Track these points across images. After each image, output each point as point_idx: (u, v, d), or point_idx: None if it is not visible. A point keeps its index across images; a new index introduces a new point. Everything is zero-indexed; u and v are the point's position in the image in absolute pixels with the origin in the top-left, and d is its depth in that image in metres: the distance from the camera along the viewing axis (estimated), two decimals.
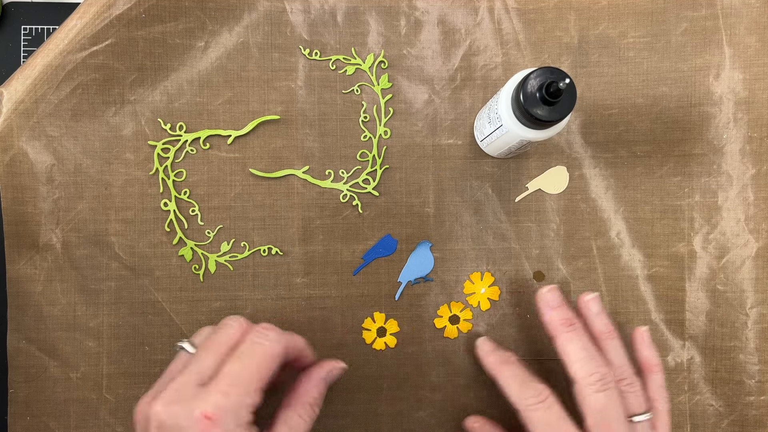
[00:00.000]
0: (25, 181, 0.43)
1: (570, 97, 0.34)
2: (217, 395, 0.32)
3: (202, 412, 0.31)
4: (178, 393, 0.33)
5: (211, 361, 0.34)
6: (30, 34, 0.47)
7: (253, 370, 0.33)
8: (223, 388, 0.32)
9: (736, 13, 0.44)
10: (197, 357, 0.34)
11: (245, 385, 0.33)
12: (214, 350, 0.34)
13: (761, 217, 0.44)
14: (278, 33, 0.44)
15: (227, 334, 0.36)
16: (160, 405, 0.32)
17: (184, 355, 0.36)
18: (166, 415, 0.32)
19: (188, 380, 0.33)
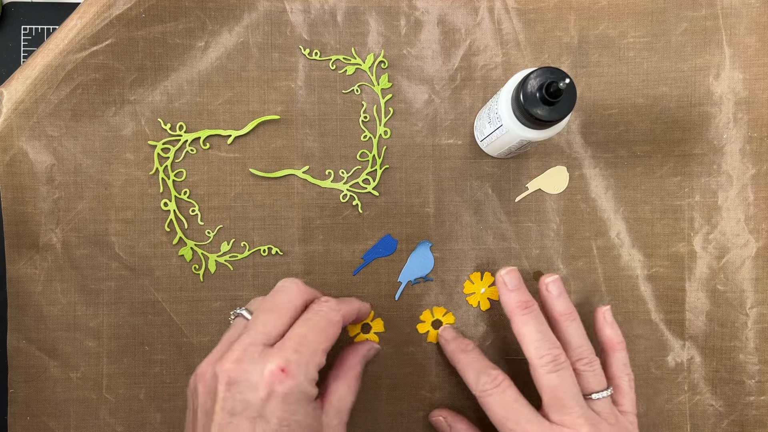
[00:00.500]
0: (25, 181, 0.43)
1: (570, 97, 0.34)
2: (288, 351, 0.33)
3: (277, 365, 0.32)
4: (246, 352, 0.33)
5: (276, 323, 0.35)
6: (30, 34, 0.47)
7: (319, 334, 0.35)
8: (293, 346, 0.33)
9: (736, 13, 0.44)
10: (261, 318, 0.35)
11: (313, 345, 0.34)
12: (278, 312, 0.35)
13: (761, 217, 0.44)
14: (278, 33, 0.44)
15: (288, 297, 0.36)
16: (230, 363, 0.33)
17: (241, 322, 0.37)
18: (236, 371, 0.33)
19: (255, 340, 0.34)
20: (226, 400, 0.32)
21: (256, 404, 0.32)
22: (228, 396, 0.33)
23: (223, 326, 0.44)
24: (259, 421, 0.32)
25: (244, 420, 0.32)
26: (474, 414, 0.44)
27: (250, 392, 0.32)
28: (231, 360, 0.33)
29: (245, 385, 0.32)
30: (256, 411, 0.32)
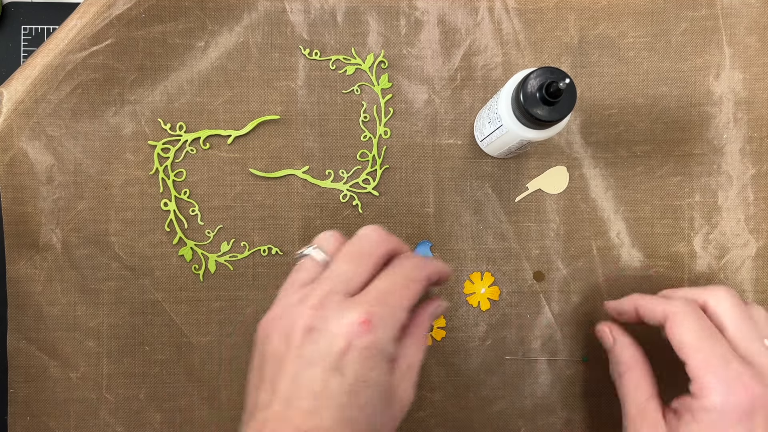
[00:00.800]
0: (25, 181, 0.43)
1: (570, 97, 0.34)
2: (371, 304, 0.31)
3: (359, 316, 0.31)
4: (327, 299, 0.32)
5: (357, 272, 0.33)
6: (30, 34, 0.47)
7: (403, 290, 0.33)
8: (376, 300, 0.32)
9: (736, 13, 0.44)
10: (342, 266, 0.33)
11: (398, 301, 0.32)
12: (360, 261, 0.34)
13: (761, 217, 0.44)
14: (278, 33, 0.44)
15: (371, 246, 0.34)
16: (309, 309, 0.31)
17: (311, 264, 0.35)
18: (315, 319, 0.31)
19: (335, 288, 0.32)
20: (303, 347, 0.31)
21: (333, 355, 0.31)
22: (305, 343, 0.31)
23: (222, 326, 0.44)
24: (334, 373, 0.30)
25: (319, 370, 0.31)
26: (476, 414, 0.44)
27: (329, 342, 0.31)
28: (310, 306, 0.32)
29: (324, 333, 0.31)
30: (333, 362, 0.31)
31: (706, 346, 0.34)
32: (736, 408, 0.33)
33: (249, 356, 0.44)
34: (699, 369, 0.34)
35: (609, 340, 0.41)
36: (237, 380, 0.44)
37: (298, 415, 0.30)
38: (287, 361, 0.31)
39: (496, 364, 0.45)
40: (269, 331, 0.33)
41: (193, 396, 0.44)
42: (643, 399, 0.37)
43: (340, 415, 0.30)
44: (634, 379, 0.38)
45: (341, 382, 0.30)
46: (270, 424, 0.31)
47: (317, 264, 0.35)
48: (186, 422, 0.43)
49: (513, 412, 0.44)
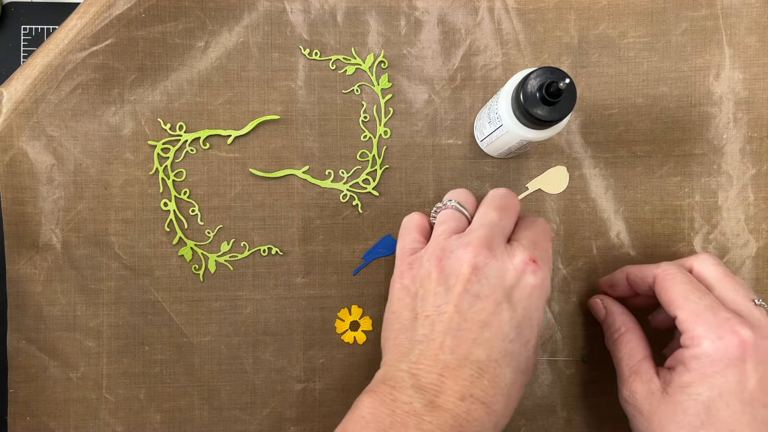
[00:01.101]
0: (25, 181, 0.43)
1: (570, 97, 0.34)
2: (530, 247, 0.34)
3: (529, 255, 0.34)
4: (493, 240, 0.34)
5: (509, 221, 0.36)
6: (30, 34, 0.47)
7: (546, 238, 0.36)
8: (535, 245, 0.35)
9: (736, 13, 0.44)
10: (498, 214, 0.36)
11: (547, 247, 0.36)
12: (510, 212, 0.37)
13: (761, 217, 0.44)
14: (278, 33, 0.44)
15: (512, 201, 0.38)
16: (478, 247, 0.34)
17: (455, 215, 0.38)
18: (485, 257, 0.33)
19: (496, 233, 0.35)
20: (471, 283, 0.33)
21: (504, 289, 0.33)
22: (474, 279, 0.33)
23: (222, 326, 0.44)
24: (505, 306, 0.32)
25: (489, 303, 0.32)
26: None
27: (499, 277, 0.33)
28: (478, 246, 0.34)
29: (494, 270, 0.33)
30: (504, 295, 0.32)
31: (694, 298, 0.35)
32: (727, 353, 0.33)
33: (248, 356, 0.44)
34: (688, 320, 0.35)
35: (601, 311, 0.42)
36: (237, 380, 0.44)
37: (465, 345, 0.32)
38: (453, 294, 0.33)
39: None
40: (429, 270, 0.35)
41: (193, 396, 0.44)
42: (636, 360, 0.38)
43: (506, 349, 0.32)
44: (627, 342, 0.39)
45: (512, 316, 0.33)
46: (435, 353, 0.32)
47: (461, 216, 0.38)
48: (186, 422, 0.43)
49: (513, 413, 0.44)
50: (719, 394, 0.33)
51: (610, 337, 0.41)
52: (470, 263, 0.33)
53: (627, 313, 0.41)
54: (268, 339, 0.44)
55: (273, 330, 0.44)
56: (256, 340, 0.44)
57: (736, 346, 0.33)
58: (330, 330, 0.44)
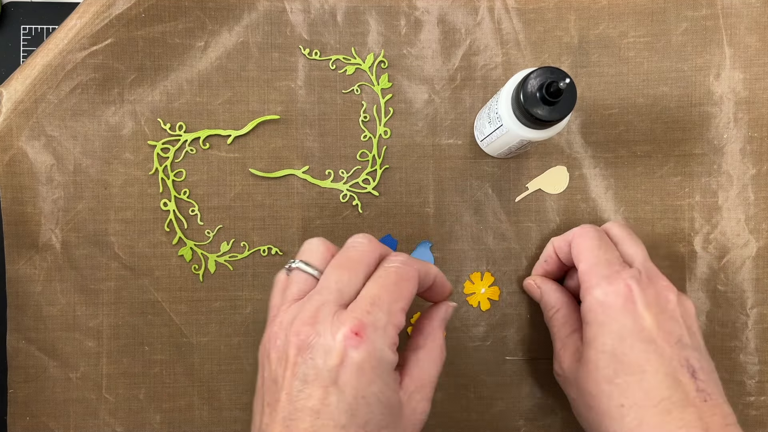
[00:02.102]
0: (24, 181, 0.43)
1: (570, 97, 0.34)
2: (361, 312, 0.30)
3: (350, 328, 0.30)
4: (319, 312, 0.31)
5: (350, 281, 0.32)
6: (30, 34, 0.47)
7: (394, 291, 0.32)
8: (366, 307, 0.31)
9: (736, 12, 0.44)
10: (333, 276, 0.32)
11: (388, 304, 0.31)
12: (351, 269, 0.32)
13: (762, 217, 0.44)
14: (278, 33, 0.44)
15: (361, 253, 0.33)
16: (301, 325, 0.30)
17: (301, 277, 0.34)
18: (308, 335, 0.30)
19: (327, 300, 0.31)
20: (297, 366, 0.30)
21: (329, 371, 0.29)
22: (299, 361, 0.30)
23: (222, 326, 0.44)
24: (332, 390, 0.29)
25: (316, 388, 0.30)
26: (476, 413, 0.44)
27: (323, 358, 0.30)
28: (302, 322, 0.31)
29: (318, 349, 0.30)
30: (329, 379, 0.29)
31: (597, 253, 0.38)
32: (617, 299, 0.35)
33: (248, 356, 0.44)
34: (585, 272, 0.37)
35: (536, 291, 0.43)
36: (237, 380, 0.44)
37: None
38: (284, 381, 0.31)
39: (496, 364, 0.44)
40: (268, 352, 0.32)
41: (193, 396, 0.44)
42: (566, 334, 0.39)
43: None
44: (560, 318, 0.41)
45: (339, 400, 0.29)
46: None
47: (308, 277, 0.34)
48: (186, 422, 0.43)
49: (513, 412, 0.44)
50: (620, 339, 0.35)
51: (546, 315, 0.42)
52: (295, 344, 0.30)
53: (561, 290, 0.42)
54: None
55: None
56: (256, 340, 0.44)
57: (623, 291, 0.35)
58: None
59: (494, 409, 0.44)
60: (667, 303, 0.36)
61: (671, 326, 0.35)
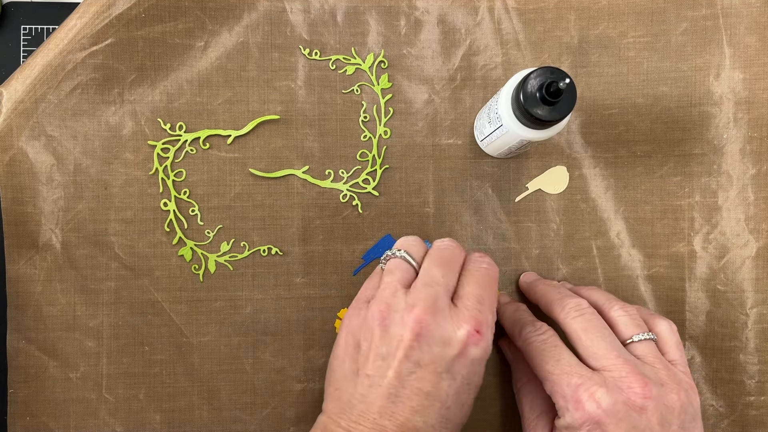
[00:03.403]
0: (25, 181, 0.43)
1: (570, 97, 0.34)
2: (476, 312, 0.33)
3: (474, 326, 0.33)
4: (436, 305, 0.33)
5: (452, 277, 0.35)
6: (30, 34, 0.47)
7: (491, 291, 0.35)
8: (477, 306, 0.34)
9: (736, 12, 0.44)
10: (440, 271, 0.35)
11: (490, 304, 0.35)
12: (452, 268, 0.36)
13: (761, 217, 0.44)
14: (278, 33, 0.44)
15: (455, 255, 0.36)
16: (421, 313, 0.33)
17: (406, 265, 0.36)
18: (428, 325, 0.33)
19: (440, 292, 0.34)
20: (413, 349, 0.32)
21: (446, 360, 0.32)
22: (416, 346, 0.32)
23: (222, 326, 0.44)
24: (445, 376, 0.32)
25: (429, 372, 0.32)
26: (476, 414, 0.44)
27: (442, 347, 0.32)
28: (422, 312, 0.33)
29: (437, 339, 0.32)
30: (445, 366, 0.32)
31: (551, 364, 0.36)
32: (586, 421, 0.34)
33: (248, 356, 0.44)
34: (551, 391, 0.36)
35: (509, 356, 0.43)
36: (237, 380, 0.44)
37: (404, 412, 0.32)
38: (395, 359, 0.33)
39: (496, 363, 0.44)
40: (372, 326, 0.34)
41: (193, 396, 0.44)
42: (535, 415, 0.39)
43: (444, 414, 0.33)
44: (527, 393, 0.41)
45: (450, 385, 0.33)
46: (373, 416, 0.32)
47: (410, 267, 0.36)
48: (186, 422, 0.43)
49: (513, 413, 0.44)
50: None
51: (514, 384, 0.42)
52: (412, 329, 0.33)
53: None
54: (268, 339, 0.44)
55: (273, 330, 0.44)
56: (256, 340, 0.44)
57: (593, 413, 0.34)
58: (330, 330, 0.44)
59: (494, 409, 0.44)
60: (641, 414, 0.33)
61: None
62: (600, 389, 0.34)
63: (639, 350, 0.36)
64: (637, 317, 0.38)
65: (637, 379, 0.34)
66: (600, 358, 0.35)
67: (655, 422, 0.33)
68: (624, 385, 0.34)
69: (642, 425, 0.33)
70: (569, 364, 0.35)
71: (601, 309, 0.39)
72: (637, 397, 0.33)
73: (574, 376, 0.35)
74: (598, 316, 0.37)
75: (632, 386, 0.34)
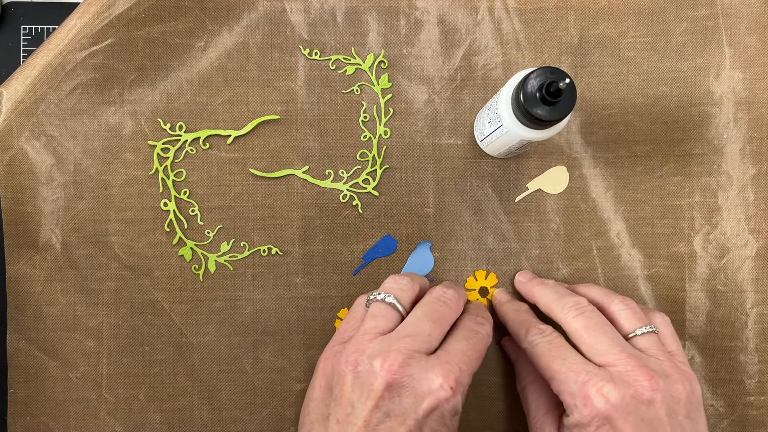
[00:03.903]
0: (25, 181, 0.43)
1: (570, 97, 0.34)
2: (455, 368, 0.33)
3: (448, 383, 0.32)
4: (412, 358, 0.33)
5: (439, 335, 0.35)
6: (30, 34, 0.47)
7: (478, 355, 0.35)
8: (459, 364, 0.33)
9: (736, 12, 0.44)
10: (427, 327, 0.35)
11: (473, 365, 0.34)
12: (442, 324, 0.35)
13: (761, 217, 0.44)
14: (278, 33, 0.44)
15: (450, 309, 0.36)
16: (395, 365, 0.32)
17: (389, 312, 0.36)
18: (401, 376, 0.32)
19: (419, 348, 0.33)
20: (383, 399, 0.32)
21: (416, 413, 0.32)
22: (387, 396, 0.32)
23: (222, 326, 0.44)
24: (413, 429, 0.32)
25: (398, 424, 0.32)
26: (477, 412, 0.44)
27: (413, 400, 0.32)
28: (396, 362, 0.32)
29: (409, 392, 0.32)
30: (414, 420, 0.32)
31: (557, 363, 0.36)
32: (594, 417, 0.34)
33: (248, 356, 0.44)
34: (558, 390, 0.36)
35: (512, 355, 0.43)
36: (237, 380, 0.44)
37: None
38: (364, 409, 0.32)
39: (496, 364, 0.44)
40: (344, 372, 0.34)
41: (193, 396, 0.44)
42: (541, 414, 0.39)
43: None
44: (532, 393, 0.40)
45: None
46: None
47: (396, 314, 0.36)
48: (186, 422, 0.43)
49: (513, 413, 0.44)
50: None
51: (518, 383, 0.42)
52: (385, 380, 0.32)
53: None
54: (268, 339, 0.44)
55: (273, 330, 0.44)
56: (256, 340, 0.44)
57: (602, 408, 0.34)
58: (330, 330, 0.44)
59: (494, 409, 0.44)
60: (649, 406, 0.34)
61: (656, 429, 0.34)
62: (607, 384, 0.34)
63: (642, 343, 0.37)
64: (637, 310, 0.38)
65: (643, 372, 0.34)
66: (604, 354, 0.35)
67: (663, 414, 0.34)
68: (630, 379, 0.34)
69: (650, 417, 0.33)
70: (575, 362, 0.35)
71: (600, 305, 0.39)
72: (645, 390, 0.34)
73: (581, 373, 0.35)
74: (598, 313, 0.37)
75: (639, 379, 0.34)
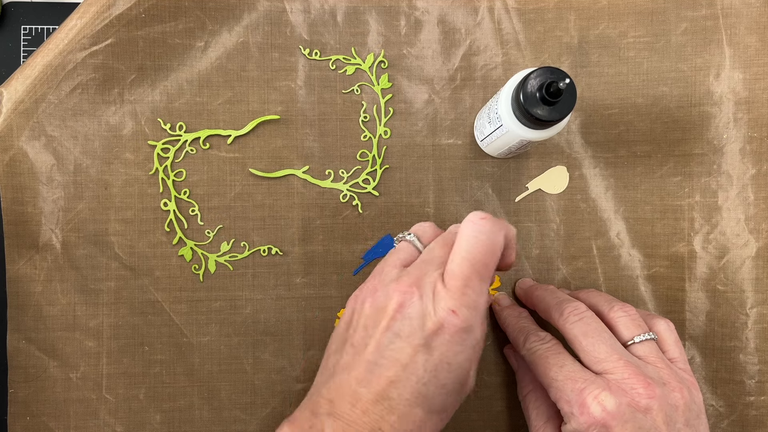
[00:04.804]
0: (25, 181, 0.43)
1: (570, 97, 0.34)
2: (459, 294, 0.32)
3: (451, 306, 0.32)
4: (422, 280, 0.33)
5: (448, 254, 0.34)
6: (30, 34, 0.47)
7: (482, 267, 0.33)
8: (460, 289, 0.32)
9: (736, 13, 0.44)
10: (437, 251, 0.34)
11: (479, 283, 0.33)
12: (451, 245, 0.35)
13: (761, 217, 0.44)
14: (278, 33, 0.44)
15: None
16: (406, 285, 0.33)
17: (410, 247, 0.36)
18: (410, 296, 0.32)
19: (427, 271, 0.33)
20: (395, 320, 0.32)
21: (423, 332, 0.32)
22: (398, 317, 0.32)
23: (222, 326, 0.44)
24: (422, 350, 0.32)
25: (407, 344, 0.32)
26: (478, 413, 0.44)
27: (420, 320, 0.32)
28: (407, 283, 0.33)
29: (417, 312, 0.32)
30: (422, 339, 0.32)
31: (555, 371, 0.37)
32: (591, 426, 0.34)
33: (248, 356, 0.44)
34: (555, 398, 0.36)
35: (513, 363, 0.43)
36: (237, 380, 0.44)
37: (380, 382, 0.32)
38: (378, 329, 0.33)
39: (496, 364, 0.45)
40: (364, 300, 0.34)
41: (193, 396, 0.44)
42: (542, 422, 0.39)
43: (419, 390, 0.32)
44: (533, 401, 0.41)
45: (427, 360, 0.32)
46: (351, 384, 0.32)
47: (415, 249, 0.36)
48: (186, 422, 0.43)
49: (513, 413, 0.44)
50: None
51: (520, 391, 0.42)
52: (396, 301, 0.33)
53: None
54: (267, 339, 0.44)
55: (273, 330, 0.44)
56: (256, 340, 0.44)
57: (598, 416, 0.34)
58: (330, 330, 0.44)
59: (494, 409, 0.44)
60: (646, 414, 0.34)
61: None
62: (604, 392, 0.34)
63: (640, 351, 0.37)
64: (637, 317, 0.38)
65: (640, 380, 0.34)
66: (601, 361, 0.35)
67: (661, 422, 0.34)
68: (627, 387, 0.34)
69: (647, 425, 0.34)
70: (572, 370, 0.36)
71: (600, 311, 0.39)
72: (642, 397, 0.34)
73: (578, 381, 0.35)
74: (596, 319, 0.37)
75: (635, 387, 0.34)
